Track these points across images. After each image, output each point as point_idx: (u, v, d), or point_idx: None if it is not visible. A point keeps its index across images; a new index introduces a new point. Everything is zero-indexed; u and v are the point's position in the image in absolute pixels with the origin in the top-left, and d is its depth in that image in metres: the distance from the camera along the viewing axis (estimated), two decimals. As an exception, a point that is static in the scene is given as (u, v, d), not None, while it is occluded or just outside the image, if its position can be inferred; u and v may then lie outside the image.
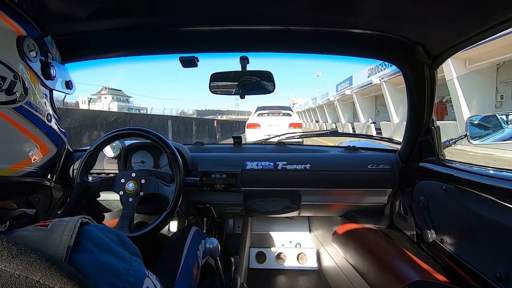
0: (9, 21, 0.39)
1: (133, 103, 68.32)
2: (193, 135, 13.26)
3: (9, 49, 0.38)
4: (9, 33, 0.39)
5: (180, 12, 0.76)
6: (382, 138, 1.52)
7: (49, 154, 0.46)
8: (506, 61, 7.18)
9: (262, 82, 0.98)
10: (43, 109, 0.44)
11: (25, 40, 0.40)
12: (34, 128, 0.42)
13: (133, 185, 0.92)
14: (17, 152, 0.40)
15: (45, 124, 0.45)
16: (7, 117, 0.37)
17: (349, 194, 1.25)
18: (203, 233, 1.08)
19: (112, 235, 0.38)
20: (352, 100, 17.05)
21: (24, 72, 0.40)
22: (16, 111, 0.39)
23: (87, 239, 0.34)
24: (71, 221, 0.34)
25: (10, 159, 0.39)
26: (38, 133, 0.43)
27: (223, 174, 1.18)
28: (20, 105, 0.39)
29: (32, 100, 0.41)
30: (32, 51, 0.42)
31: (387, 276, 0.93)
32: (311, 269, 1.67)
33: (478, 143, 0.99)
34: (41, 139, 0.44)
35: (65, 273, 0.26)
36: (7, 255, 0.25)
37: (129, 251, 0.39)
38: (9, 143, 0.39)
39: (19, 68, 0.39)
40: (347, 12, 0.74)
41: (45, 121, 0.45)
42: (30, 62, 0.41)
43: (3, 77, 0.36)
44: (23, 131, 0.40)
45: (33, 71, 0.43)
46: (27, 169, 0.42)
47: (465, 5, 0.63)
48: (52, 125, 0.47)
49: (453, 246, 0.87)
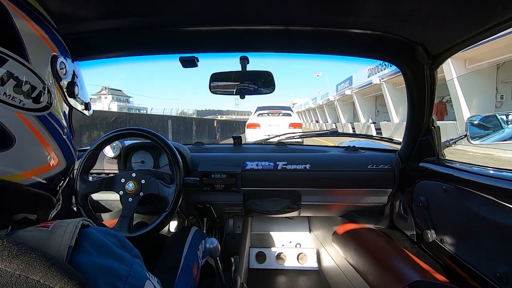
0: (44, 37, 0.43)
1: (133, 103, 68.33)
2: (193, 135, 13.26)
3: (44, 65, 0.42)
4: (45, 49, 0.43)
5: (180, 12, 0.76)
6: (382, 138, 1.52)
7: (59, 168, 0.47)
8: (506, 61, 7.19)
9: (262, 82, 0.99)
10: (62, 123, 0.47)
11: (59, 58, 0.45)
12: (51, 138, 0.43)
13: (133, 185, 0.92)
14: (31, 160, 0.41)
15: (61, 137, 0.46)
16: (30, 123, 0.39)
17: (349, 194, 1.25)
18: (203, 233, 1.08)
19: (113, 237, 0.38)
20: (352, 100, 17.05)
21: (52, 86, 0.43)
22: (38, 119, 0.40)
23: (88, 240, 0.34)
24: (72, 223, 0.34)
25: (22, 165, 0.40)
26: (53, 145, 0.44)
27: (223, 174, 1.18)
28: (43, 115, 0.41)
29: (54, 112, 0.44)
30: (62, 69, 0.46)
31: (387, 276, 0.93)
32: (311, 269, 1.67)
33: (478, 143, 0.99)
34: (55, 151, 0.45)
35: (65, 273, 0.26)
36: (7, 255, 0.25)
37: (130, 254, 0.39)
38: (26, 149, 0.39)
39: (49, 82, 0.42)
40: (347, 12, 0.74)
41: (61, 134, 0.46)
42: (59, 79, 0.45)
43: (34, 86, 0.39)
44: (41, 140, 0.42)
45: (59, 87, 0.46)
46: (36, 178, 0.42)
47: (465, 5, 0.63)
48: (67, 140, 0.48)
49: (453, 246, 0.87)
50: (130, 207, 0.91)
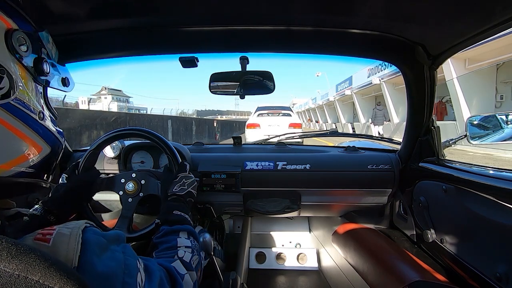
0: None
1: (133, 103, 68.28)
2: (193, 135, 13.26)
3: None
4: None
5: (180, 12, 0.76)
6: (382, 138, 1.52)
7: (42, 154, 0.44)
8: (506, 61, 7.19)
9: (262, 82, 0.98)
10: (34, 107, 0.42)
11: (14, 33, 0.38)
12: (23, 126, 0.39)
13: (133, 185, 0.92)
14: (3, 152, 0.38)
15: (36, 122, 0.42)
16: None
17: (349, 194, 1.25)
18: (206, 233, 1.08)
19: (100, 237, 0.38)
20: (352, 100, 17.05)
21: (12, 67, 0.38)
22: (3, 108, 0.36)
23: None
24: (73, 237, 0.33)
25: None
26: (28, 132, 0.41)
27: (223, 174, 1.18)
28: (7, 102, 0.37)
29: (21, 96, 0.39)
30: (22, 45, 0.39)
31: (387, 276, 0.93)
32: (311, 269, 1.67)
33: (478, 143, 0.99)
34: (31, 138, 0.42)
35: (64, 273, 0.26)
36: (6, 255, 0.25)
37: (118, 243, 0.40)
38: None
39: (6, 63, 0.37)
40: (347, 12, 0.74)
41: (36, 119, 0.42)
42: (20, 56, 0.39)
43: None
44: (11, 129, 0.38)
45: (23, 67, 0.40)
46: (16, 169, 0.40)
47: (465, 5, 0.63)
48: (45, 123, 0.45)
49: (453, 246, 0.87)
50: (129, 207, 0.91)
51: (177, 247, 0.59)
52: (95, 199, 1.24)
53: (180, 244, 0.60)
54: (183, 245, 0.60)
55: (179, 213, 0.72)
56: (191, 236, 0.66)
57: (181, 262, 0.54)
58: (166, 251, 0.58)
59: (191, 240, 0.64)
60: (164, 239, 0.62)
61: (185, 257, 0.57)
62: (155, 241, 0.63)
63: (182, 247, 0.59)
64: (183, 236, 0.64)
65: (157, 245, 0.61)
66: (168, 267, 0.50)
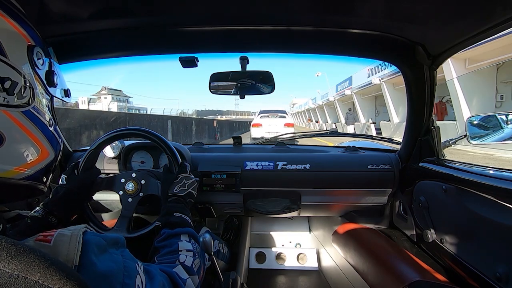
0: (19, 29, 0.41)
1: (133, 103, 68.35)
2: (193, 135, 13.25)
3: (22, 58, 0.41)
4: (21, 41, 0.41)
5: (180, 12, 0.76)
6: (382, 138, 1.52)
7: (48, 159, 0.47)
8: (506, 61, 7.18)
9: (262, 82, 0.98)
10: (46, 114, 0.46)
11: (35, 48, 0.43)
12: (38, 132, 0.44)
13: (133, 185, 0.92)
14: (22, 155, 0.41)
15: (47, 128, 0.46)
16: (17, 120, 0.39)
17: (349, 194, 1.25)
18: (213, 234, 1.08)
19: (100, 239, 0.38)
20: (352, 100, 17.05)
21: (32, 78, 0.42)
22: (24, 115, 0.40)
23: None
24: (74, 237, 0.34)
25: (14, 161, 0.40)
26: (41, 137, 0.44)
27: (223, 174, 1.18)
28: (28, 109, 0.41)
29: (37, 105, 0.43)
30: (39, 60, 0.45)
31: (387, 276, 0.93)
32: (311, 269, 1.67)
33: (478, 143, 0.99)
34: (43, 143, 0.45)
35: (64, 273, 0.26)
36: (6, 256, 0.25)
37: (117, 247, 0.40)
38: (16, 145, 0.40)
39: (29, 75, 0.41)
40: (347, 12, 0.74)
41: (47, 125, 0.46)
42: (38, 69, 0.44)
43: (15, 82, 0.38)
44: (29, 135, 0.42)
45: (39, 78, 0.45)
46: (28, 172, 0.43)
47: (465, 5, 0.63)
48: (53, 130, 0.48)
49: (453, 246, 0.87)
50: (129, 207, 0.91)
51: (178, 251, 0.60)
52: (95, 199, 1.25)
53: (182, 248, 0.61)
54: (185, 249, 0.61)
55: (179, 215, 0.72)
56: (192, 239, 0.67)
57: (182, 267, 0.56)
58: (168, 255, 0.59)
59: (192, 243, 0.65)
60: (165, 243, 0.63)
61: (187, 261, 0.58)
62: (157, 245, 0.63)
63: (184, 251, 0.61)
64: (184, 239, 0.64)
65: (159, 249, 0.62)
66: (170, 272, 0.51)
